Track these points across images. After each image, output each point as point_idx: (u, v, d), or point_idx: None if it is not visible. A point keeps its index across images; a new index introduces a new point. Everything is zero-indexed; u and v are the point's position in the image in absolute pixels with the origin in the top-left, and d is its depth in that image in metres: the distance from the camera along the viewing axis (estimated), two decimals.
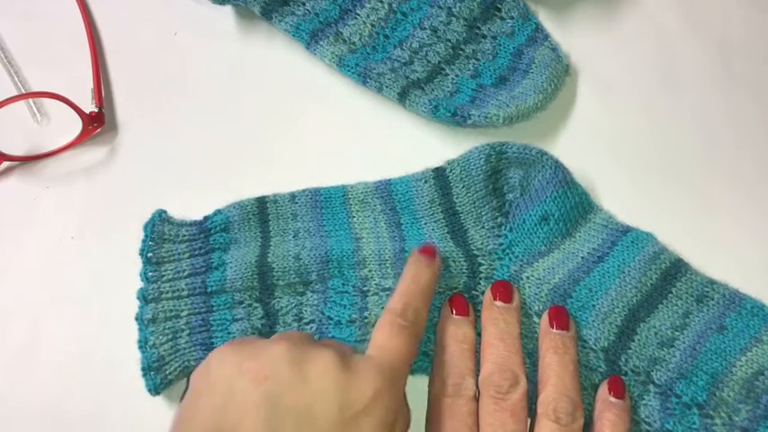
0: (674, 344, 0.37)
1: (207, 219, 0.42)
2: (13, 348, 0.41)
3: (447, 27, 0.45)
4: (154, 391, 0.38)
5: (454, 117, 0.42)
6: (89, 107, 0.45)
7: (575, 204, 0.40)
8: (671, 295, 0.38)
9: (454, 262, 0.40)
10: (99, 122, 0.45)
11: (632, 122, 0.44)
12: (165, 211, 0.42)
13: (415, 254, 0.38)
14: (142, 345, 0.39)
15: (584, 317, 0.38)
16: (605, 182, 0.42)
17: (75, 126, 0.44)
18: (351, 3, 0.46)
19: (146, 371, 0.38)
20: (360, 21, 0.46)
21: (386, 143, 0.45)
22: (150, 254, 0.41)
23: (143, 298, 0.40)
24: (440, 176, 0.42)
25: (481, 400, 0.35)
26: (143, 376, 0.38)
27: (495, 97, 0.43)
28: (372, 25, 0.46)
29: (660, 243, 0.39)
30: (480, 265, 0.40)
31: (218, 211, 0.42)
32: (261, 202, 0.42)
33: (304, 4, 0.46)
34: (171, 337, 0.39)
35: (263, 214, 0.42)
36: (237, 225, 0.42)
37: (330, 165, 0.44)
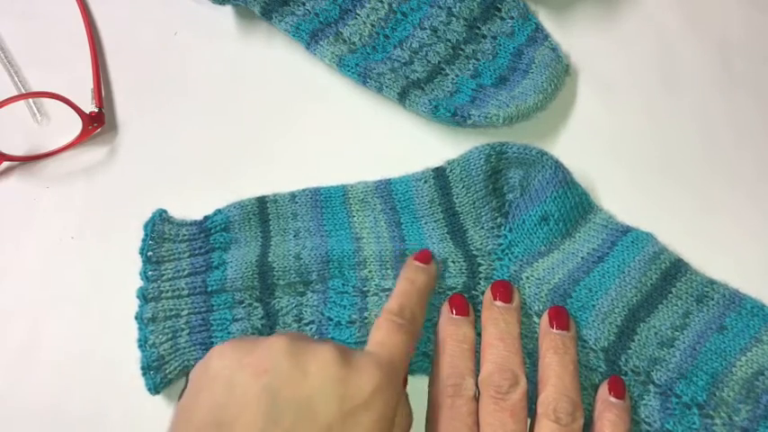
0: (674, 344, 0.37)
1: (207, 218, 0.42)
2: (13, 348, 0.41)
3: (447, 27, 0.45)
4: (153, 390, 0.38)
5: (454, 117, 0.42)
6: (89, 107, 0.45)
7: (575, 204, 0.40)
8: (671, 295, 0.38)
9: (454, 262, 0.40)
10: (99, 122, 0.45)
11: (632, 122, 0.44)
12: (165, 211, 0.42)
13: (412, 259, 0.39)
14: (142, 344, 0.39)
15: (584, 317, 0.38)
16: (605, 182, 0.42)
17: (75, 126, 0.44)
18: (351, 3, 0.46)
19: (145, 370, 0.38)
20: (360, 21, 0.46)
21: (386, 143, 0.45)
22: (150, 253, 0.41)
23: (143, 297, 0.40)
24: (440, 176, 0.42)
25: (481, 400, 0.35)
26: (143, 375, 0.38)
27: (495, 97, 0.43)
28: (372, 25, 0.46)
29: (660, 243, 0.39)
30: (480, 265, 0.40)
31: (219, 211, 0.42)
32: (261, 201, 0.42)
33: (304, 4, 0.46)
34: (171, 336, 0.39)
35: (263, 214, 0.42)
36: (238, 225, 0.42)
37: (330, 165, 0.44)
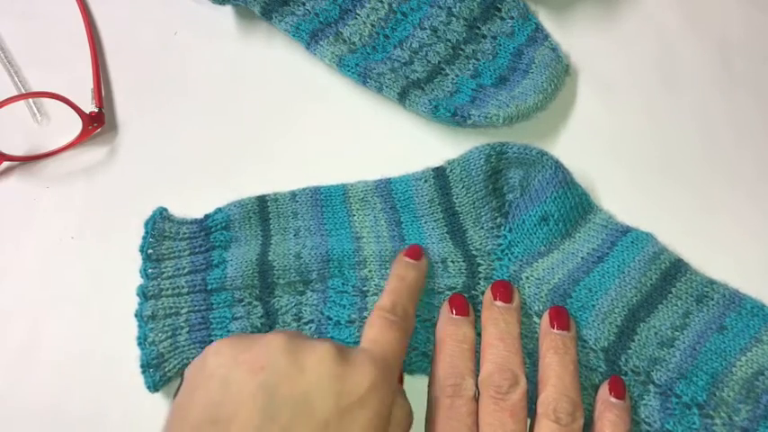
0: (674, 344, 0.37)
1: (207, 217, 0.42)
2: (13, 348, 0.41)
3: (447, 27, 0.45)
4: (153, 388, 0.38)
5: (454, 117, 0.42)
6: (89, 107, 0.45)
7: (574, 205, 0.40)
8: (671, 295, 0.38)
9: (453, 262, 0.40)
10: (99, 122, 0.45)
11: (632, 122, 0.44)
12: (165, 209, 0.42)
13: (402, 255, 0.39)
14: (141, 341, 0.39)
15: (584, 317, 0.38)
16: (605, 182, 0.42)
17: (75, 126, 0.44)
18: (351, 3, 0.46)
19: (145, 368, 0.38)
20: (360, 21, 0.46)
21: (386, 143, 0.45)
22: (150, 250, 0.41)
23: (143, 294, 0.40)
24: (440, 176, 0.42)
25: (481, 400, 0.35)
26: (142, 373, 0.38)
27: (495, 97, 0.43)
28: (372, 25, 0.46)
29: (660, 243, 0.39)
30: (479, 265, 0.40)
31: (219, 210, 0.42)
32: (261, 200, 0.42)
33: (304, 4, 0.46)
34: (170, 334, 0.39)
35: (263, 213, 0.42)
36: (238, 223, 0.42)
37: (330, 164, 0.44)
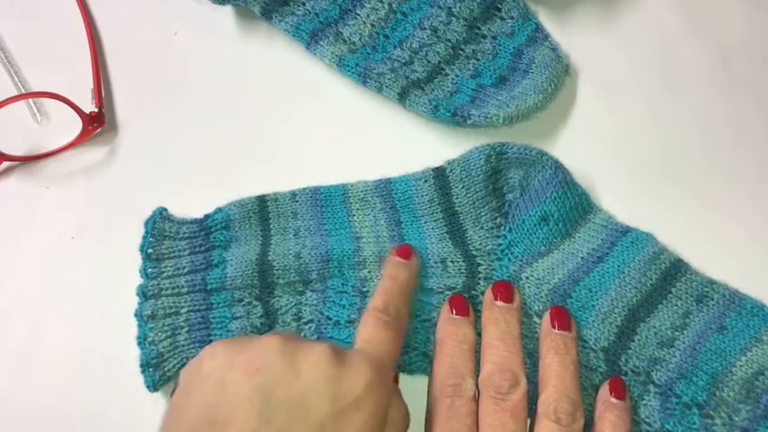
0: (674, 344, 0.37)
1: (207, 216, 0.42)
2: (13, 348, 0.41)
3: (447, 27, 0.45)
4: (152, 387, 0.38)
5: (454, 117, 0.42)
6: (89, 107, 0.45)
7: (574, 205, 0.40)
8: (671, 295, 0.38)
9: (453, 262, 0.40)
10: (99, 122, 0.45)
11: (632, 122, 0.44)
12: (165, 209, 0.42)
13: (392, 255, 0.39)
14: (141, 341, 0.39)
15: (584, 317, 0.38)
16: (605, 182, 0.42)
17: (75, 126, 0.44)
18: (351, 3, 0.46)
19: (144, 367, 0.38)
20: (360, 21, 0.46)
21: (386, 143, 0.45)
22: (150, 250, 0.41)
23: (142, 294, 0.40)
24: (440, 176, 0.42)
25: (481, 400, 0.35)
26: (141, 372, 0.38)
27: (495, 97, 0.43)
28: (372, 25, 0.46)
29: (660, 243, 0.39)
30: (479, 265, 0.40)
31: (219, 209, 0.42)
32: (261, 200, 0.42)
33: (304, 4, 0.46)
34: (170, 333, 0.39)
35: (263, 212, 0.42)
36: (238, 223, 0.42)
37: (330, 164, 0.44)
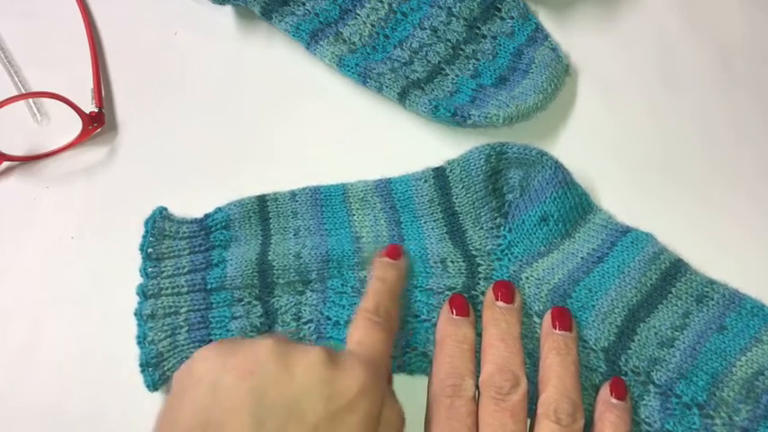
0: (674, 344, 0.37)
1: (207, 216, 0.42)
2: (13, 348, 0.41)
3: (447, 27, 0.45)
4: (152, 387, 0.38)
5: (454, 117, 0.42)
6: (89, 107, 0.45)
7: (574, 205, 0.40)
8: (671, 295, 0.38)
9: (453, 262, 0.40)
10: (99, 122, 0.45)
11: (632, 122, 0.44)
12: (165, 208, 0.42)
13: (381, 256, 0.39)
14: (141, 340, 0.39)
15: (584, 317, 0.38)
16: (605, 182, 0.42)
17: (75, 126, 0.44)
18: (351, 3, 0.46)
19: (144, 367, 0.38)
20: (360, 21, 0.46)
21: (386, 143, 0.45)
22: (150, 249, 0.41)
23: (142, 294, 0.40)
24: (440, 176, 0.42)
25: (481, 400, 0.35)
26: (141, 372, 0.38)
27: (495, 97, 0.43)
28: (372, 25, 0.46)
29: (660, 243, 0.39)
30: (479, 265, 0.40)
31: (219, 209, 0.42)
32: (261, 200, 0.42)
33: (304, 4, 0.46)
34: (170, 333, 0.39)
35: (263, 212, 0.42)
36: (238, 223, 0.42)
37: (330, 164, 0.44)
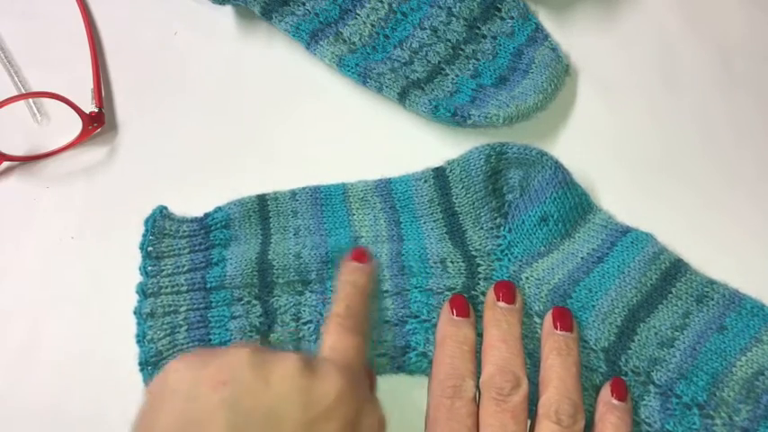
0: (674, 344, 0.37)
1: (207, 215, 0.42)
2: (13, 348, 0.41)
3: (447, 27, 0.45)
4: None
5: (454, 117, 0.42)
6: (89, 107, 0.45)
7: (574, 205, 0.40)
8: (671, 295, 0.38)
9: (452, 262, 0.40)
10: (99, 122, 0.45)
11: (633, 122, 0.44)
12: (165, 207, 0.42)
13: (348, 260, 0.39)
14: (140, 339, 0.39)
15: (584, 317, 0.38)
16: (606, 182, 0.42)
17: (75, 126, 0.44)
18: (351, 3, 0.46)
19: (143, 365, 0.38)
20: (360, 21, 0.46)
21: (386, 143, 0.45)
22: (150, 248, 0.41)
23: (142, 292, 0.40)
24: (439, 176, 0.42)
25: (482, 401, 0.35)
26: (140, 371, 0.38)
27: (495, 97, 0.43)
28: (372, 25, 0.46)
29: (660, 243, 0.39)
30: (479, 265, 0.40)
31: (219, 208, 0.42)
32: (261, 199, 0.42)
33: (304, 4, 0.46)
34: (169, 332, 0.39)
35: (263, 211, 0.42)
36: (238, 222, 0.42)
37: (330, 164, 0.44)
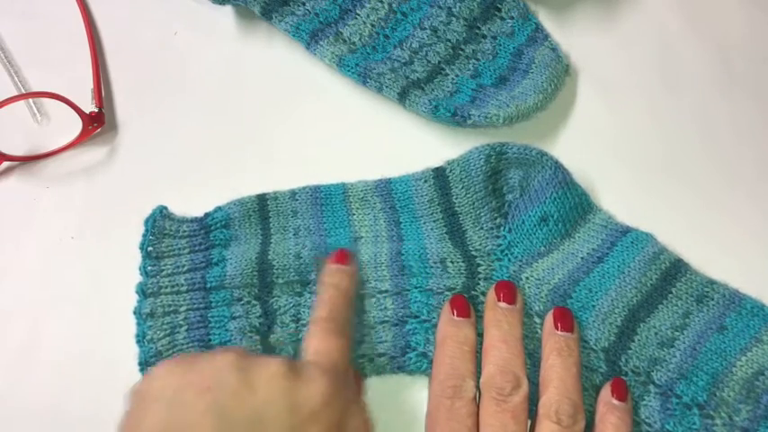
0: (675, 344, 0.37)
1: (207, 215, 0.42)
2: (13, 348, 0.41)
3: (447, 27, 0.45)
4: None
5: (454, 117, 0.42)
6: (89, 107, 0.45)
7: (574, 205, 0.40)
8: (671, 295, 0.38)
9: (452, 262, 0.40)
10: (99, 122, 0.45)
11: (633, 122, 0.44)
12: (165, 207, 0.42)
13: (330, 263, 0.39)
14: (140, 339, 0.39)
15: (584, 317, 0.38)
16: (606, 182, 0.42)
17: (75, 126, 0.44)
18: (351, 3, 0.46)
19: (143, 365, 0.38)
20: (360, 21, 0.46)
21: (386, 143, 0.45)
22: (150, 248, 0.41)
23: (142, 292, 0.40)
24: (439, 176, 0.42)
25: (482, 401, 0.35)
26: (140, 371, 0.38)
27: (495, 97, 0.43)
28: (372, 25, 0.46)
29: (660, 243, 0.39)
30: (479, 265, 0.40)
31: (219, 208, 0.42)
32: (261, 199, 0.42)
33: (304, 4, 0.46)
34: (169, 332, 0.39)
35: (263, 211, 0.42)
36: (238, 222, 0.42)
37: (330, 164, 0.44)
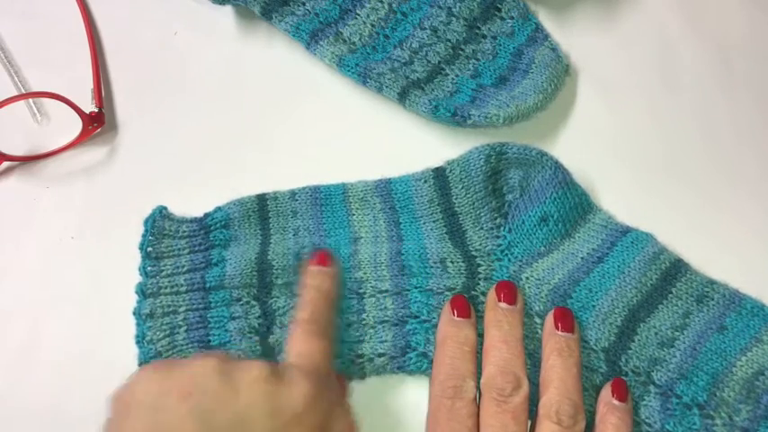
0: (675, 344, 0.37)
1: (207, 215, 0.42)
2: (13, 348, 0.41)
3: (447, 27, 0.45)
4: None
5: (454, 117, 0.42)
6: (89, 107, 0.45)
7: (574, 205, 0.40)
8: (671, 295, 0.38)
9: (452, 262, 0.40)
10: (99, 122, 0.45)
11: (633, 122, 0.44)
12: (165, 208, 0.42)
13: (311, 265, 0.39)
14: (140, 340, 0.39)
15: (584, 317, 0.38)
16: (606, 182, 0.42)
17: (75, 126, 0.44)
18: (351, 3, 0.46)
19: (142, 366, 0.38)
20: (360, 21, 0.46)
21: (386, 143, 0.45)
22: (150, 248, 0.41)
23: (141, 292, 0.40)
24: (439, 176, 0.42)
25: (483, 401, 0.35)
26: None
27: (495, 97, 0.43)
28: (372, 25, 0.46)
29: (660, 243, 0.39)
30: (479, 265, 0.40)
31: (219, 208, 0.42)
32: (261, 199, 0.42)
33: (304, 4, 0.46)
34: (168, 332, 0.39)
35: (263, 211, 0.42)
36: (238, 222, 0.42)
37: (330, 164, 0.44)
